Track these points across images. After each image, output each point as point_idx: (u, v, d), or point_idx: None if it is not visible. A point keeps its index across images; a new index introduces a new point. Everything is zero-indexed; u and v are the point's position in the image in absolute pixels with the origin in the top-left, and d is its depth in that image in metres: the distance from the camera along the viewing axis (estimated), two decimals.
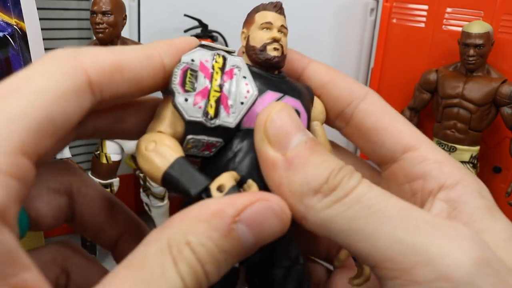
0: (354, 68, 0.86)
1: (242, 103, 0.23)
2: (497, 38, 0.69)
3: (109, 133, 0.25)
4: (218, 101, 0.23)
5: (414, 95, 0.76)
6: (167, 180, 0.22)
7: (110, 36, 0.66)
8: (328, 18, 0.84)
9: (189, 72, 0.22)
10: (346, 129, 0.28)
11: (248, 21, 0.27)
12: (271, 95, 0.25)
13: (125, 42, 0.70)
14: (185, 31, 0.82)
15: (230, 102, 0.23)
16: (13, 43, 0.56)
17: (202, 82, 0.22)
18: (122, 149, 0.75)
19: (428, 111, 0.77)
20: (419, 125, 0.79)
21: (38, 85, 0.18)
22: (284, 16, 0.27)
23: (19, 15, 0.57)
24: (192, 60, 0.23)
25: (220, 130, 0.23)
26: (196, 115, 0.22)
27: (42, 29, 0.61)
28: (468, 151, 0.71)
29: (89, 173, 0.76)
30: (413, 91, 0.77)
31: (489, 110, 0.69)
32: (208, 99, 0.22)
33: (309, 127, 0.27)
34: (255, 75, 0.25)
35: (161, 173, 0.22)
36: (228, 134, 0.23)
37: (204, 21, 0.80)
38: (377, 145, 0.27)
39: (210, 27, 0.81)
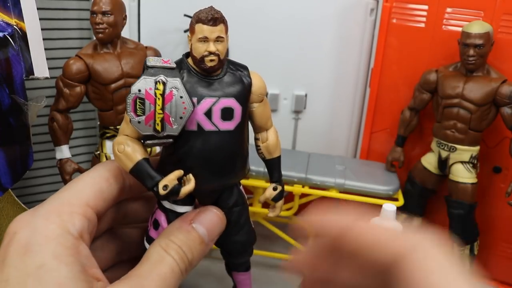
0: (354, 68, 0.86)
1: (181, 117, 0.32)
2: (497, 38, 0.69)
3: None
4: (162, 120, 0.31)
5: (414, 95, 0.76)
6: (132, 174, 0.32)
7: (110, 36, 0.66)
8: (328, 18, 0.84)
9: (138, 101, 0.31)
10: None
11: (191, 28, 0.34)
12: (208, 101, 0.33)
13: (125, 42, 0.70)
14: (185, 31, 0.82)
15: (171, 119, 0.31)
16: (13, 43, 0.56)
17: (149, 107, 0.31)
18: None
19: (428, 111, 0.77)
20: (419, 125, 0.79)
21: (95, 172, 0.32)
22: (223, 23, 0.33)
23: (19, 15, 0.57)
24: (139, 90, 0.31)
25: (168, 136, 0.32)
26: (148, 131, 0.31)
27: (42, 29, 0.61)
28: (468, 151, 0.71)
29: None
30: (413, 91, 0.77)
31: (489, 110, 0.69)
32: (155, 120, 0.31)
33: (245, 115, 0.35)
34: (195, 83, 0.33)
35: (128, 170, 0.32)
36: (174, 137, 0.32)
37: None
38: None
39: None
